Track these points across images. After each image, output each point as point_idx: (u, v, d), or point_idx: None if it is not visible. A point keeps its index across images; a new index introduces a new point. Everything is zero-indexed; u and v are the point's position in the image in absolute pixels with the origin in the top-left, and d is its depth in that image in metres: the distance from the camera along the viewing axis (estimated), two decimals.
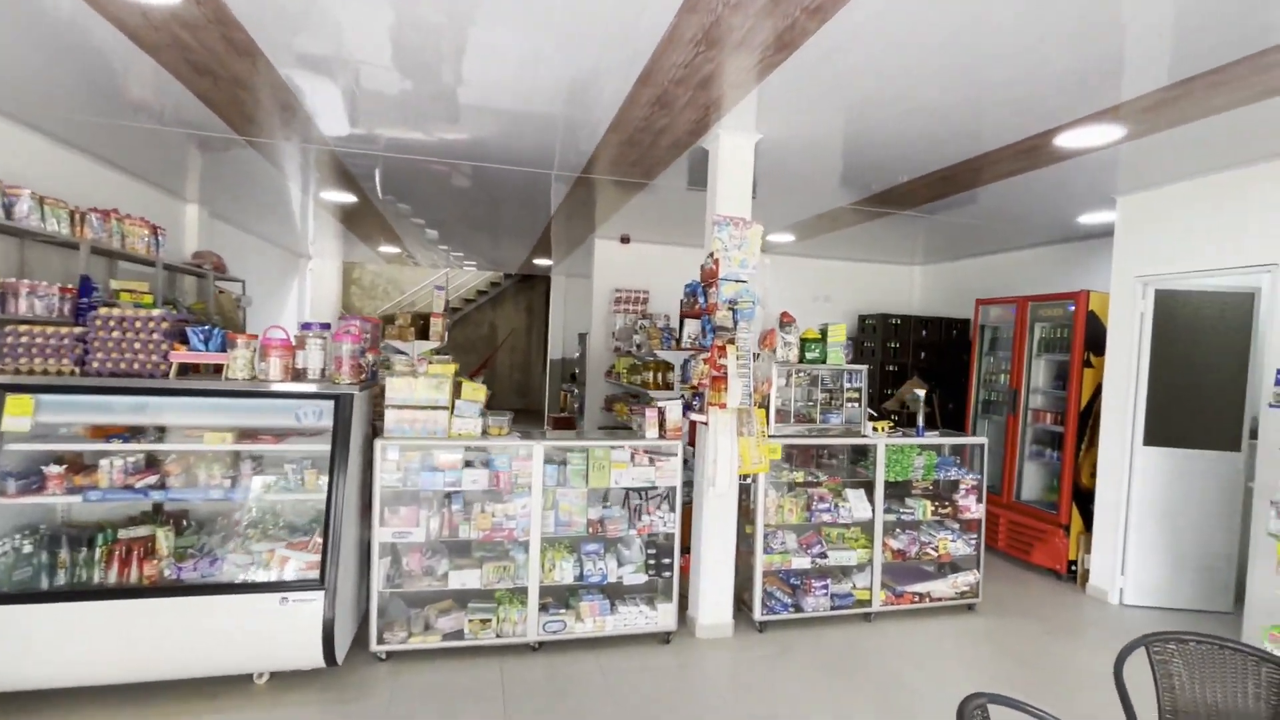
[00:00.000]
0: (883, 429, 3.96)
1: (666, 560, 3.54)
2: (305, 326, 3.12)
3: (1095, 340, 4.73)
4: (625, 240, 7.17)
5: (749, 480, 3.72)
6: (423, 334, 5.01)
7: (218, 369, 3.01)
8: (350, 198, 5.69)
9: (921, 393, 4.35)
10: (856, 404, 3.95)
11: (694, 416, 3.55)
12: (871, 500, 3.91)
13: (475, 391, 3.33)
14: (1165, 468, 4.31)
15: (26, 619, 2.59)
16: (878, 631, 3.81)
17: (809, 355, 3.81)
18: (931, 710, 3.01)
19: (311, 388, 2.99)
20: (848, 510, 3.85)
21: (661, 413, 3.55)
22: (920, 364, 7.14)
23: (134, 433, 2.97)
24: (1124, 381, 4.38)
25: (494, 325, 13.05)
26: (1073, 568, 4.75)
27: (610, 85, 2.99)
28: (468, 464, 3.29)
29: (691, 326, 3.68)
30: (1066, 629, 3.96)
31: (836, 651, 3.54)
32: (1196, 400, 4.28)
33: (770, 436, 3.67)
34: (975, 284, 7.20)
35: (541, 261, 9.46)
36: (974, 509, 4.09)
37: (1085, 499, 4.75)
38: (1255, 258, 3.67)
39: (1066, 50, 2.49)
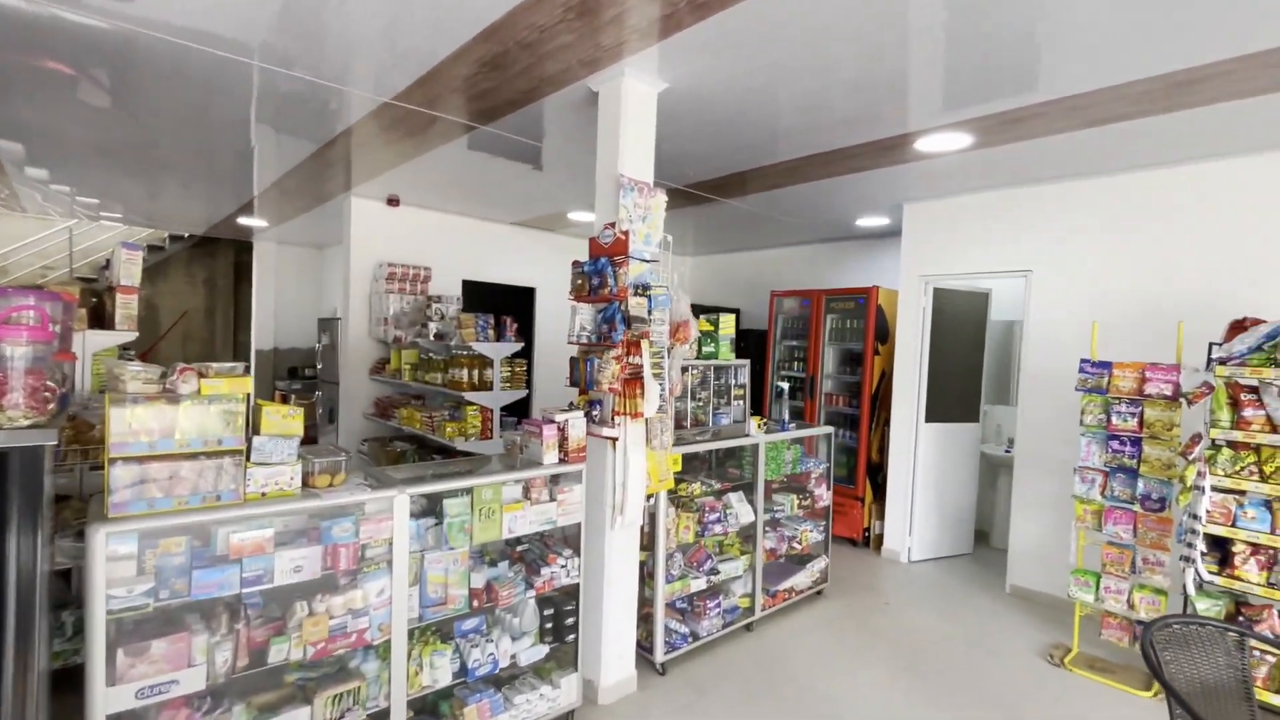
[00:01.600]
0: (760, 425, 3.75)
1: (569, 620, 2.73)
2: None
3: (880, 331, 5.33)
4: (393, 203, 5.73)
5: (650, 500, 3.12)
6: (97, 319, 3.18)
7: None
8: None
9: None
10: (741, 401, 3.66)
11: (605, 432, 2.79)
12: (752, 502, 3.68)
13: (286, 420, 2.03)
14: (936, 440, 5.07)
15: None
16: (763, 640, 3.61)
17: (704, 350, 3.37)
18: (860, 715, 2.89)
19: None
20: (734, 517, 3.55)
21: (562, 429, 2.71)
22: None
23: None
24: (911, 368, 5.00)
25: (154, 305, 9.57)
26: (866, 534, 5.33)
27: None
28: (283, 542, 1.99)
29: (585, 315, 2.90)
30: (893, 595, 4.34)
31: (744, 678, 3.20)
32: (956, 381, 5.13)
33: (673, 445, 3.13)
34: (741, 276, 7.70)
35: (252, 222, 7.11)
36: (824, 496, 4.19)
37: (874, 472, 5.36)
38: (1018, 264, 4.45)
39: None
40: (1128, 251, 3.92)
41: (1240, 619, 3.01)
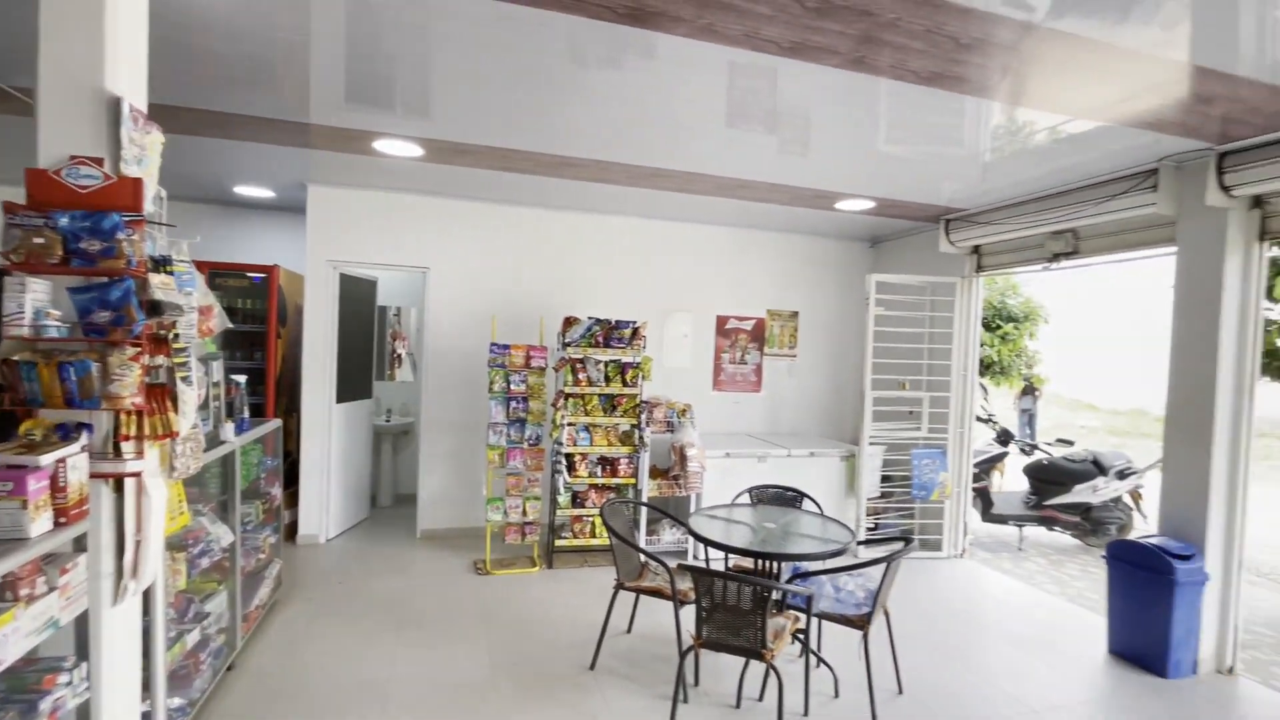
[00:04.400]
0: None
1: None
2: None
3: (282, 313, 5.05)
4: None
5: None
6: None
7: None
8: None
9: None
10: (217, 402, 2.97)
11: (127, 467, 1.88)
12: (228, 520, 3.10)
13: None
14: (344, 419, 5.31)
15: None
16: (255, 675, 3.16)
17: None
18: (402, 684, 3.14)
19: None
20: (216, 543, 2.93)
21: (56, 477, 1.70)
22: None
23: None
24: (323, 351, 5.03)
25: None
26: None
27: None
28: None
29: (41, 293, 1.85)
30: (338, 574, 4.43)
31: None
32: (356, 362, 5.49)
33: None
34: None
35: None
36: (278, 496, 3.86)
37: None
38: (419, 261, 5.22)
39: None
40: (510, 262, 5.38)
41: (576, 500, 4.90)
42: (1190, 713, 3.15)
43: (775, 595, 2.91)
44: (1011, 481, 7.55)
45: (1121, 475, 5.75)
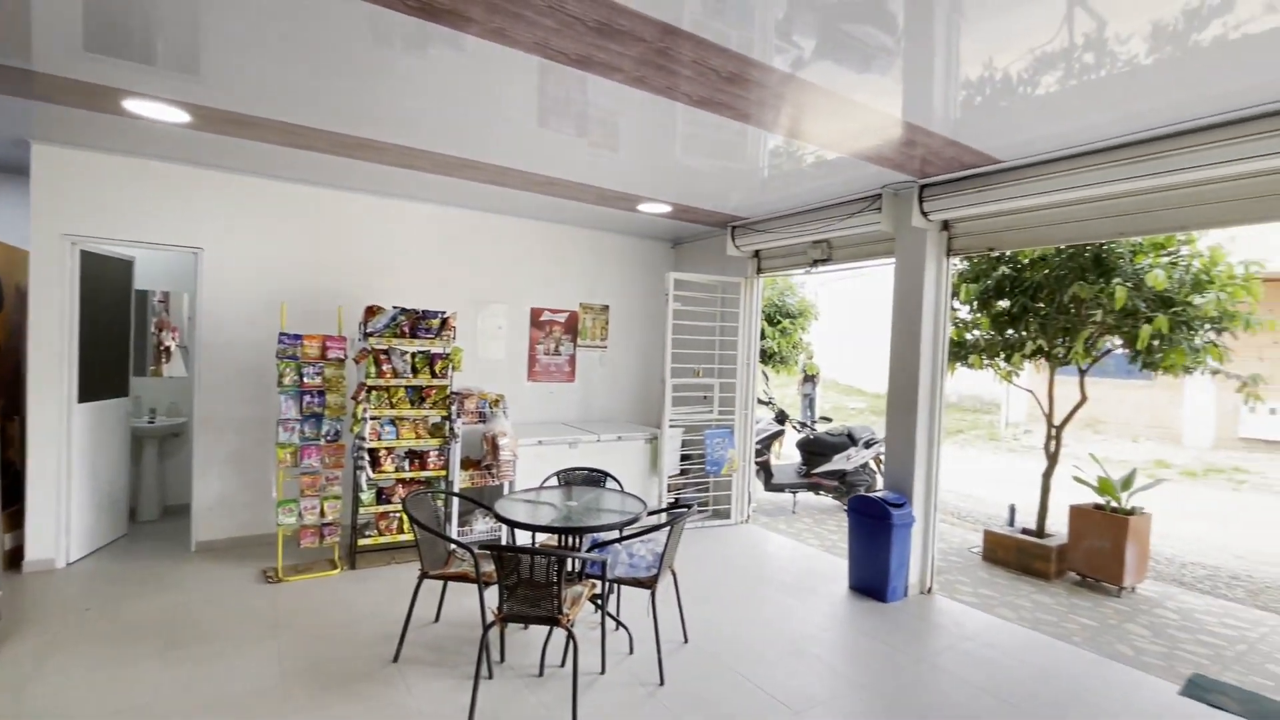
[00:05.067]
0: None
1: None
2: None
3: None
4: None
5: None
6: None
7: None
8: None
9: None
10: None
11: None
12: None
13: None
14: (90, 422, 4.55)
15: None
16: None
17: None
18: (164, 700, 2.85)
19: None
20: None
21: None
22: None
23: None
24: (58, 341, 4.25)
25: None
26: None
27: None
28: None
29: None
30: (85, 601, 3.82)
31: None
32: (106, 354, 4.71)
33: None
34: None
35: None
36: None
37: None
38: (189, 241, 4.62)
39: None
40: (303, 246, 4.97)
41: (381, 496, 4.74)
42: (901, 626, 4.01)
43: (575, 565, 3.15)
44: (788, 455, 8.73)
45: (867, 445, 6.98)
